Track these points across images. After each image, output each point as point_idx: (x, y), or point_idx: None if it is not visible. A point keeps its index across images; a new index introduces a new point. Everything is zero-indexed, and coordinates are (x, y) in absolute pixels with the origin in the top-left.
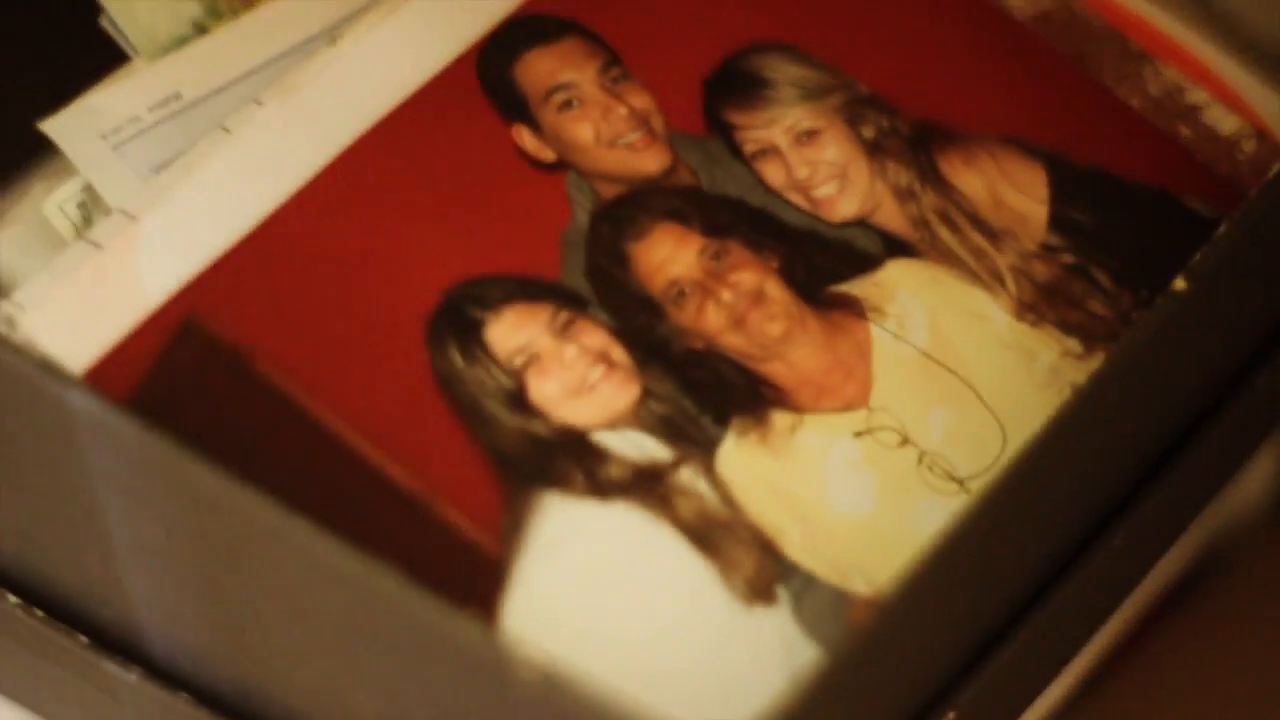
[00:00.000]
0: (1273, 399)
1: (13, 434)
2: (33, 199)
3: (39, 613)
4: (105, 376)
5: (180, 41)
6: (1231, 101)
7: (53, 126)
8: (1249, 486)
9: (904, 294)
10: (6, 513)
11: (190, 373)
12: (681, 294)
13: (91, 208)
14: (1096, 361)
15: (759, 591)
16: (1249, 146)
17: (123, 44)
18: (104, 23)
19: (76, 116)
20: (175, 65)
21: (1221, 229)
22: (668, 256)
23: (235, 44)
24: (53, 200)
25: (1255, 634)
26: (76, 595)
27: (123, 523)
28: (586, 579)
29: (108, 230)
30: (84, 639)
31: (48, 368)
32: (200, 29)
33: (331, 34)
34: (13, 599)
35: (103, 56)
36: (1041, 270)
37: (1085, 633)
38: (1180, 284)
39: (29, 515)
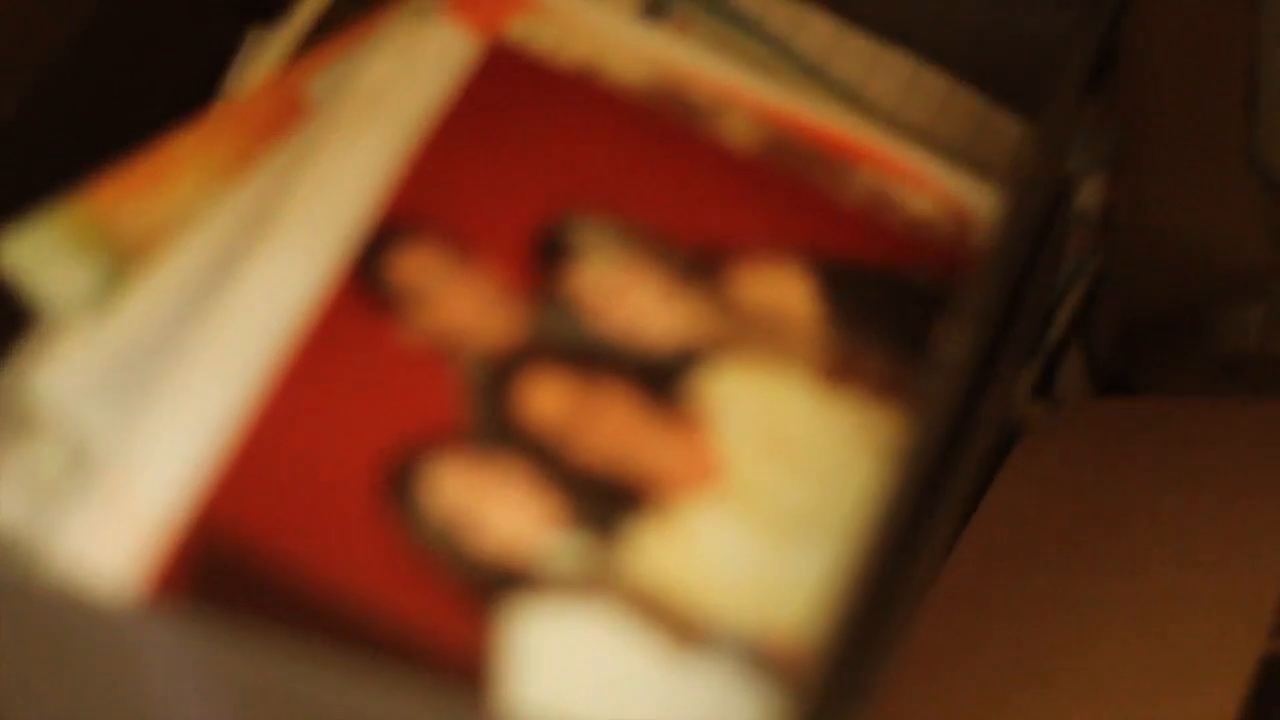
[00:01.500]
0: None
1: (79, 656)
2: (16, 452)
3: None
4: (147, 589)
5: (96, 297)
6: (923, 187)
7: (30, 389)
8: None
9: (730, 394)
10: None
11: (215, 568)
12: (567, 431)
13: (81, 454)
14: (890, 410)
15: (693, 644)
16: (945, 223)
17: (49, 310)
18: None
19: (48, 377)
20: (110, 320)
21: (963, 294)
22: (546, 403)
23: (150, 296)
24: (44, 451)
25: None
26: None
27: (191, 708)
28: (559, 664)
29: (110, 468)
30: None
31: (105, 598)
32: (111, 283)
33: (225, 269)
34: None
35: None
36: (826, 350)
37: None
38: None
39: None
